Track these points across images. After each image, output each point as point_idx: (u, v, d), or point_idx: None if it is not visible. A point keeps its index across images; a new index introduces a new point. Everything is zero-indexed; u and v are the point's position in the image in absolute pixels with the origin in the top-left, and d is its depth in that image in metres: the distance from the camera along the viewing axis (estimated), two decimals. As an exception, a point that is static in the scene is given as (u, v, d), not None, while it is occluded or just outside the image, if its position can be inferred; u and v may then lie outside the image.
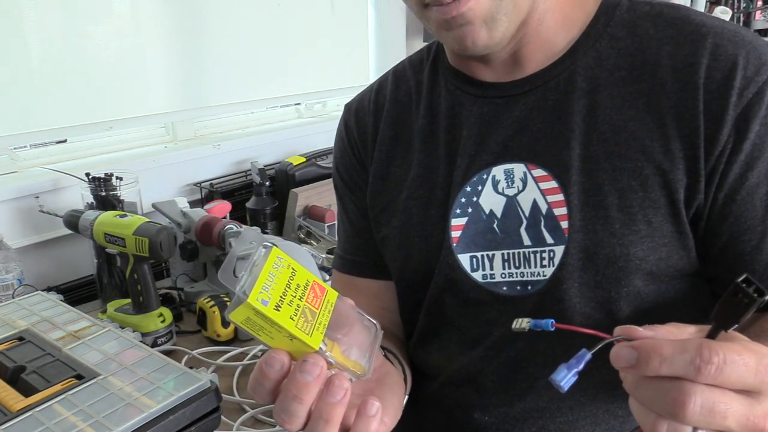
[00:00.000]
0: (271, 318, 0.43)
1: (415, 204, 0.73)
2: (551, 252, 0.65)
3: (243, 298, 0.42)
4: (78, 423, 0.63)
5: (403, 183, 0.75)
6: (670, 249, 0.62)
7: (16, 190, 1.26)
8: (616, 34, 0.66)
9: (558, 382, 0.43)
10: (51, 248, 1.32)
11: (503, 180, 0.67)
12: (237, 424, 0.91)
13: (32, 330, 0.82)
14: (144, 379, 0.71)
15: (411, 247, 0.73)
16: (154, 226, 1.05)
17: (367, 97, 0.81)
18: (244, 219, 1.48)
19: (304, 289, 0.46)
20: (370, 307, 0.80)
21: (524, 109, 0.67)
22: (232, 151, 1.60)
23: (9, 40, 1.24)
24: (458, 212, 0.69)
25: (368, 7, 1.92)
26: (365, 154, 0.79)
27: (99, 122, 1.40)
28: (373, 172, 0.78)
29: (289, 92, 1.77)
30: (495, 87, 0.69)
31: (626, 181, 0.62)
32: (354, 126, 0.81)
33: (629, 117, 0.63)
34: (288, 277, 0.46)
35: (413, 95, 0.77)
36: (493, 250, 0.68)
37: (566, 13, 0.67)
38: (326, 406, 0.46)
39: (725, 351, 0.39)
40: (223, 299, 1.14)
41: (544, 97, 0.67)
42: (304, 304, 0.45)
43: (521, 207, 0.66)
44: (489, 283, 0.68)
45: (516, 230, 0.66)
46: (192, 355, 1.09)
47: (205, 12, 1.53)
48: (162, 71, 1.49)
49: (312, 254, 1.29)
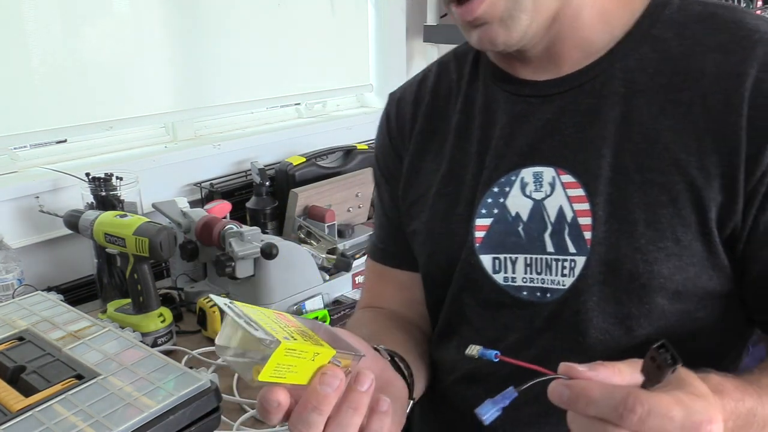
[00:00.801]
0: (299, 348, 0.43)
1: (443, 200, 0.73)
2: (572, 262, 0.63)
3: (274, 345, 0.42)
4: (78, 423, 0.63)
5: (434, 178, 0.74)
6: (700, 269, 0.60)
7: (16, 190, 1.26)
8: (661, 36, 0.62)
9: (481, 416, 0.46)
10: (51, 248, 1.32)
11: (531, 183, 0.66)
12: (237, 424, 0.91)
13: (32, 330, 0.82)
14: (144, 379, 0.71)
15: (436, 244, 0.73)
16: (154, 226, 1.05)
17: (410, 88, 0.80)
18: (244, 219, 1.48)
19: (279, 319, 0.47)
20: (399, 297, 0.82)
21: (556, 111, 0.65)
22: (232, 151, 1.59)
23: (9, 40, 1.24)
24: (483, 212, 0.69)
25: (368, 7, 1.92)
26: (402, 145, 0.79)
27: (99, 122, 1.40)
28: (407, 165, 0.78)
29: (289, 92, 1.77)
30: (530, 85, 0.68)
31: (656, 196, 0.59)
32: (394, 116, 0.81)
33: (665, 127, 0.60)
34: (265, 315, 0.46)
35: (453, 88, 0.76)
36: (517, 254, 0.67)
37: (606, 10, 0.64)
38: (355, 395, 0.47)
39: (651, 403, 0.40)
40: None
41: (578, 99, 0.64)
42: (291, 329, 0.46)
43: (547, 212, 0.65)
44: (510, 286, 0.68)
45: (540, 235, 0.65)
46: (192, 355, 1.09)
47: (205, 12, 1.53)
48: (162, 71, 1.49)
49: (312, 254, 1.29)
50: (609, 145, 0.62)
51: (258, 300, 1.19)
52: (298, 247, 1.28)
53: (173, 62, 1.50)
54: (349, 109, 2.00)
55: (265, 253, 1.14)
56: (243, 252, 1.14)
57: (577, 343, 0.64)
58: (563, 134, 0.65)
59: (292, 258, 1.22)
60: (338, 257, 1.31)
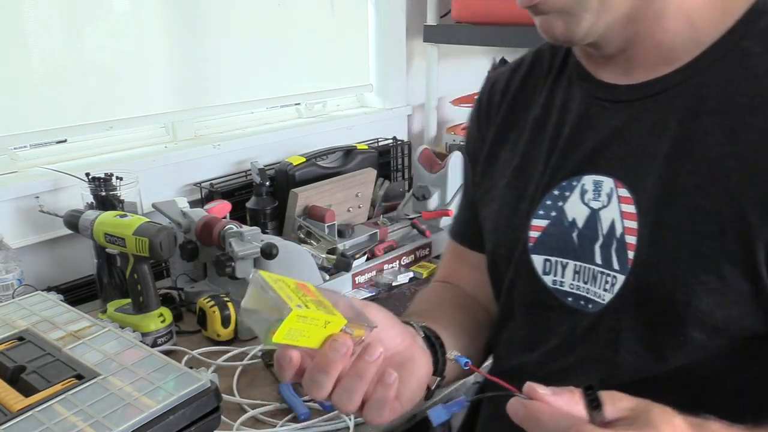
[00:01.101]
0: (310, 315, 0.48)
1: (511, 193, 0.73)
2: (614, 278, 0.62)
3: (286, 312, 0.47)
4: (78, 423, 0.63)
5: (507, 169, 0.74)
6: (745, 309, 0.56)
7: (16, 190, 1.26)
8: (750, 49, 0.57)
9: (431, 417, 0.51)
10: (51, 248, 1.32)
11: (591, 191, 0.64)
12: (237, 424, 0.91)
13: (32, 330, 0.82)
14: (144, 379, 0.71)
15: (499, 236, 0.74)
16: (154, 226, 1.05)
17: (504, 74, 0.79)
18: (244, 219, 1.48)
19: (299, 289, 0.51)
20: (472, 278, 0.82)
21: (625, 119, 0.63)
22: (232, 151, 1.59)
23: (9, 40, 1.24)
24: (541, 213, 0.68)
25: (368, 7, 1.92)
26: (486, 131, 0.79)
27: (99, 122, 1.40)
28: (486, 151, 0.78)
29: (289, 92, 1.77)
30: (605, 88, 0.66)
31: (705, 225, 0.56)
32: (485, 101, 0.80)
33: (730, 153, 0.55)
34: (286, 285, 0.51)
35: (540, 81, 0.75)
36: (568, 259, 0.66)
37: (695, 14, 0.59)
38: (363, 364, 0.51)
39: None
40: (223, 299, 1.14)
41: (648, 109, 0.61)
42: (309, 298, 0.50)
43: (601, 223, 0.63)
44: (557, 289, 0.67)
45: (591, 245, 0.64)
46: (192, 355, 1.09)
47: (206, 12, 1.53)
48: (162, 71, 1.49)
49: (312, 254, 1.29)
50: (668, 164, 0.58)
51: (258, 300, 1.19)
52: (298, 247, 1.28)
53: (173, 62, 1.50)
54: (349, 109, 2.00)
55: (265, 253, 1.14)
56: (243, 252, 1.14)
57: (608, 360, 0.64)
58: (628, 145, 0.62)
59: (292, 258, 1.22)
60: (338, 257, 1.31)
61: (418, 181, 1.63)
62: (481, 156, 0.79)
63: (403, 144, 1.88)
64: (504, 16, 1.69)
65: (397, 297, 1.32)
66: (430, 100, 2.00)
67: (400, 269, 1.44)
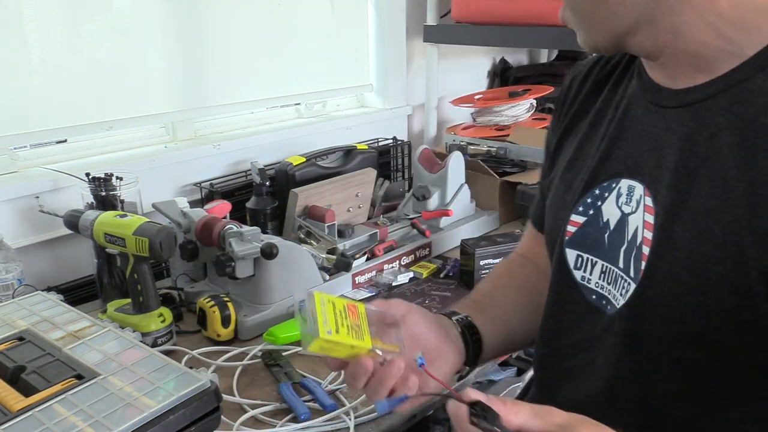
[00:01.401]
0: (336, 340, 0.60)
1: (563, 184, 0.74)
2: (628, 285, 0.62)
3: (316, 335, 0.59)
4: (78, 423, 0.64)
5: (565, 159, 0.75)
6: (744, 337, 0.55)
7: (16, 190, 1.26)
8: None
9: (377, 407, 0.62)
10: (51, 248, 1.32)
11: (624, 195, 0.65)
12: (237, 424, 0.91)
13: (32, 330, 0.82)
14: (144, 379, 0.71)
15: (549, 225, 0.76)
16: (154, 226, 1.05)
17: (587, 65, 0.79)
18: (244, 219, 1.48)
19: (345, 312, 0.63)
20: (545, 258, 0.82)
21: (662, 126, 0.62)
22: (232, 151, 1.59)
23: (9, 39, 1.24)
24: (580, 210, 0.69)
25: (368, 7, 1.92)
26: (563, 120, 0.79)
27: (99, 122, 1.40)
28: (556, 141, 0.79)
29: (289, 92, 1.77)
30: (653, 90, 0.64)
31: (710, 248, 0.55)
32: (566, 89, 0.81)
33: (750, 177, 0.53)
34: (332, 308, 0.62)
35: (610, 74, 0.74)
36: (597, 258, 0.67)
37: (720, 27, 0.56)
38: (385, 376, 0.62)
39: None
40: (223, 299, 1.14)
41: (681, 119, 0.60)
42: (348, 321, 0.62)
43: (628, 228, 0.64)
44: (584, 286, 0.69)
45: (618, 248, 0.64)
46: (192, 355, 1.09)
47: (206, 12, 1.53)
48: (162, 71, 1.49)
49: (312, 254, 1.29)
50: (688, 180, 0.57)
51: (258, 300, 1.19)
52: (298, 247, 1.28)
53: (173, 62, 1.50)
54: (349, 109, 2.00)
55: (265, 253, 1.14)
56: (243, 252, 1.14)
57: (613, 364, 0.65)
58: (660, 154, 0.61)
59: (292, 258, 1.22)
60: (338, 257, 1.31)
61: (418, 181, 1.63)
62: (553, 144, 0.80)
63: (403, 144, 1.88)
64: (504, 16, 1.69)
65: (397, 297, 1.32)
66: (430, 100, 2.00)
67: (400, 269, 1.44)
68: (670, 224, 0.58)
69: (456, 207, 1.60)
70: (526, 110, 1.95)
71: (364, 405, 0.96)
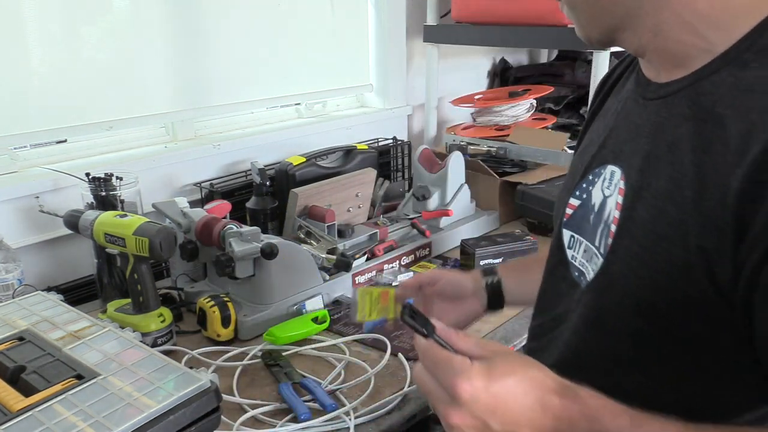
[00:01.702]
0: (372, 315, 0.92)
1: (570, 170, 0.80)
2: (598, 260, 0.67)
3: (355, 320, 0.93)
4: (78, 423, 0.64)
5: (580, 145, 0.81)
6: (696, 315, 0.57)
7: (16, 190, 1.26)
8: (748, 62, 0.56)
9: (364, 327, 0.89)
10: (51, 248, 1.32)
11: (607, 180, 0.69)
12: (237, 424, 0.91)
13: (32, 330, 0.82)
14: (144, 379, 0.71)
15: (557, 208, 0.81)
16: (154, 226, 1.05)
17: (614, 64, 0.83)
18: (244, 219, 1.48)
19: (378, 298, 0.92)
20: None
21: (644, 117, 0.66)
22: (232, 151, 1.59)
23: (9, 40, 1.24)
24: (577, 194, 0.74)
25: (368, 7, 1.92)
26: (588, 116, 0.84)
27: (99, 122, 1.40)
28: (582, 132, 0.84)
29: (289, 92, 1.77)
30: (643, 84, 0.68)
31: (665, 229, 0.58)
32: (600, 85, 0.84)
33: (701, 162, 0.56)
34: (369, 298, 0.91)
35: (623, 72, 0.78)
36: (583, 239, 0.72)
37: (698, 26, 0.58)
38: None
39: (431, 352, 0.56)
40: (223, 299, 1.14)
41: (657, 111, 0.64)
42: (379, 306, 0.91)
43: (605, 209, 0.68)
44: (572, 264, 0.74)
45: (596, 228, 0.69)
46: (192, 355, 1.09)
47: (206, 12, 1.53)
48: (162, 71, 1.49)
49: (312, 254, 1.29)
50: (654, 166, 0.61)
51: (258, 300, 1.19)
52: (298, 247, 1.28)
53: (173, 62, 1.50)
54: (349, 109, 2.00)
55: (265, 253, 1.14)
56: (243, 252, 1.14)
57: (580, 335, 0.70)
58: (637, 142, 0.65)
59: (292, 258, 1.22)
60: (338, 257, 1.30)
61: (418, 181, 1.63)
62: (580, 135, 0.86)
63: (403, 144, 1.88)
64: (504, 16, 1.69)
65: (397, 297, 1.32)
66: (430, 100, 2.01)
67: (400, 269, 1.44)
68: (634, 205, 0.62)
69: (456, 207, 1.61)
70: (526, 110, 1.96)
71: (364, 405, 0.96)
